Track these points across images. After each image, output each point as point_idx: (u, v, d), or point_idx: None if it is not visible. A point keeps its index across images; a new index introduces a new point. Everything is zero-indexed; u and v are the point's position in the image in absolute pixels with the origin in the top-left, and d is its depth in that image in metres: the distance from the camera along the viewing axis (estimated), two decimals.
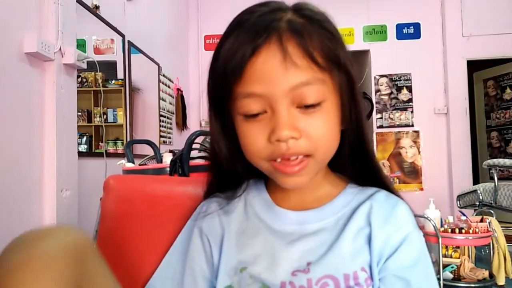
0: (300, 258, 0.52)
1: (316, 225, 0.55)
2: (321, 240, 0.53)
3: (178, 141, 3.94)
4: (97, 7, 2.41)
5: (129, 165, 1.62)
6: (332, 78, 0.51)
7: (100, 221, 0.72)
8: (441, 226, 2.12)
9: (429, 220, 2.04)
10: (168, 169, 1.47)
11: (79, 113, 2.49)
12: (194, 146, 1.44)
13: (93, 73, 2.55)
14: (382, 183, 0.58)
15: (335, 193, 0.58)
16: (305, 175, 0.52)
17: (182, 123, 4.11)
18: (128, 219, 0.72)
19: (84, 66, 1.97)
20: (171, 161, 1.43)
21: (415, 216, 0.56)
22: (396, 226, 0.53)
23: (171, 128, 3.91)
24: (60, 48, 1.77)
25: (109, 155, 2.48)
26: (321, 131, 0.50)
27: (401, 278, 0.51)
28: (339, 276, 0.50)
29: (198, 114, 4.58)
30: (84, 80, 2.59)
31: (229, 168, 0.59)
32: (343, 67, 0.51)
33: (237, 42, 0.49)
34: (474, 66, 4.90)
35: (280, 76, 0.47)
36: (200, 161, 1.42)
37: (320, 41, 0.49)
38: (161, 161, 1.73)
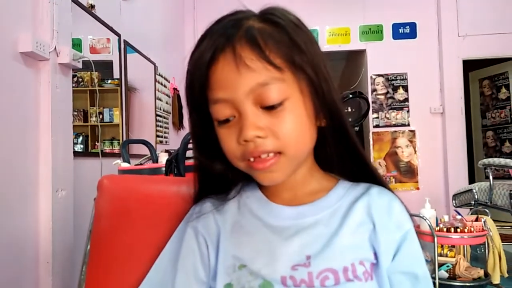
0: (298, 252, 0.53)
1: (311, 218, 0.56)
2: (318, 233, 0.54)
3: (175, 141, 3.93)
4: (92, 6, 2.40)
5: (125, 165, 1.62)
6: (293, 76, 0.52)
7: (94, 221, 0.72)
8: (437, 225, 2.13)
9: (425, 220, 2.04)
10: (163, 169, 1.47)
11: (75, 113, 2.48)
12: (190, 146, 1.44)
13: (89, 72, 2.54)
14: (372, 177, 0.60)
15: (327, 188, 0.59)
16: (278, 171, 0.53)
17: (179, 123, 4.11)
18: (122, 219, 0.72)
19: (80, 65, 1.97)
20: (167, 161, 1.43)
21: (411, 215, 0.58)
22: (397, 224, 0.55)
23: (167, 128, 3.90)
24: (55, 48, 1.76)
25: (105, 155, 2.47)
26: (287, 128, 0.51)
27: (409, 273, 0.53)
28: (338, 268, 0.51)
29: None
30: (80, 79, 2.58)
31: (220, 172, 0.60)
32: (298, 66, 0.52)
33: (201, 51, 0.52)
34: (469, 66, 4.93)
35: (237, 80, 0.50)
36: None
37: (276, 43, 0.51)
38: (156, 161, 1.72)
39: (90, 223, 0.73)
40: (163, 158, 1.61)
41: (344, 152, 0.59)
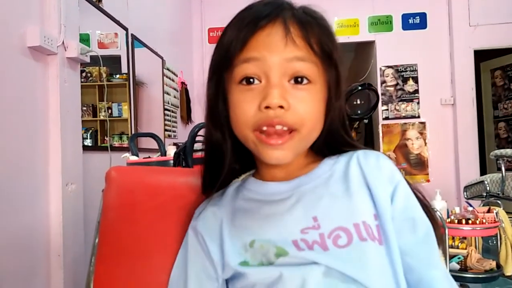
0: (304, 215, 0.54)
1: (310, 185, 0.58)
2: (319, 195, 0.56)
3: (183, 134, 3.94)
4: (99, 1, 2.40)
5: (133, 158, 1.62)
6: (323, 67, 0.56)
7: (102, 213, 0.72)
8: (448, 217, 2.10)
9: (436, 211, 2.02)
10: (172, 161, 1.47)
11: (84, 108, 2.49)
12: (197, 138, 1.44)
13: (97, 67, 2.55)
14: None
15: (317, 162, 0.61)
16: (288, 149, 0.55)
17: (187, 117, 4.11)
18: (130, 210, 0.71)
19: (88, 59, 1.97)
20: (175, 153, 1.43)
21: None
22: (388, 177, 0.56)
23: (175, 122, 3.91)
24: (63, 42, 1.77)
25: (114, 149, 2.48)
26: (308, 108, 0.54)
27: (406, 219, 0.54)
28: (349, 226, 0.52)
29: (203, 107, 4.57)
30: (89, 75, 2.59)
31: (220, 145, 0.62)
32: (334, 63, 0.57)
33: (251, 14, 0.55)
34: (481, 56, 4.85)
35: (280, 47, 0.53)
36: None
37: (318, 33, 0.55)
38: (165, 154, 1.73)
39: (98, 214, 0.73)
40: (171, 151, 1.61)
41: (337, 144, 0.62)
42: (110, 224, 0.71)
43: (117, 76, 2.87)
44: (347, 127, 0.61)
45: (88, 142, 2.52)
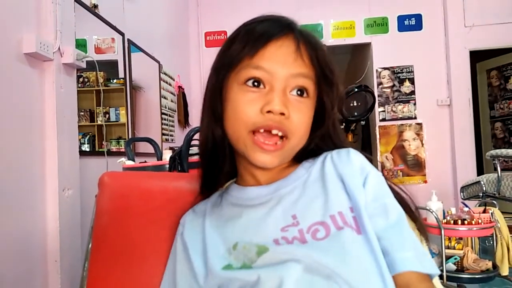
0: (283, 215, 0.57)
1: (288, 188, 0.61)
2: (297, 196, 0.59)
3: (180, 138, 3.94)
4: (95, 6, 2.41)
5: (129, 163, 1.63)
6: (320, 86, 0.61)
7: (95, 218, 0.73)
8: (444, 217, 2.11)
9: (431, 212, 2.03)
10: (167, 166, 1.48)
11: (82, 113, 2.50)
12: (193, 142, 1.45)
13: (94, 72, 2.56)
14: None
15: (295, 165, 0.65)
16: (276, 157, 0.59)
17: (184, 121, 4.12)
18: (123, 215, 0.72)
19: (84, 65, 1.98)
20: (170, 158, 1.44)
21: (417, 208, 0.62)
22: (360, 168, 0.59)
23: (173, 126, 3.92)
24: (59, 48, 1.78)
25: (112, 153, 2.49)
26: (302, 119, 0.59)
27: (379, 205, 0.56)
28: (326, 219, 0.54)
29: (200, 111, 4.58)
30: (86, 80, 2.59)
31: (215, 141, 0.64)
32: (332, 83, 0.61)
33: (259, 30, 0.59)
34: (477, 57, 4.86)
35: (289, 61, 0.58)
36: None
37: (322, 56, 0.60)
38: (161, 158, 1.73)
39: (91, 219, 0.74)
40: (167, 155, 1.62)
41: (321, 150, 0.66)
42: (103, 229, 0.72)
43: (114, 81, 2.87)
44: (339, 137, 0.65)
45: (85, 147, 2.52)
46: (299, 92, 0.59)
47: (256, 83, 0.57)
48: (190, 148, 1.42)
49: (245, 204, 0.61)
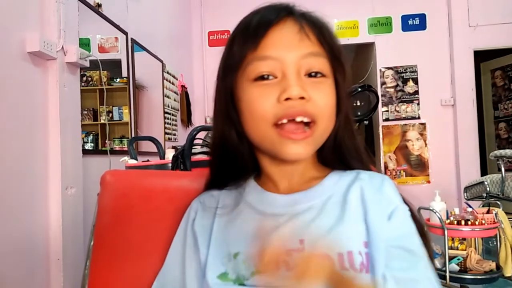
0: (290, 236, 0.53)
1: (305, 205, 0.56)
2: (311, 218, 0.54)
3: (183, 137, 3.93)
4: (99, 5, 2.41)
5: (132, 162, 1.63)
6: (332, 65, 0.57)
7: (97, 216, 0.73)
8: (447, 218, 2.10)
9: (435, 212, 2.02)
10: (170, 165, 1.48)
11: (85, 112, 2.51)
12: (196, 141, 1.45)
13: (97, 72, 2.56)
14: (363, 165, 0.61)
15: (321, 177, 0.60)
16: (309, 145, 0.54)
17: (187, 120, 4.13)
18: (125, 214, 0.72)
19: (87, 64, 1.98)
20: (173, 156, 1.44)
21: (420, 208, 0.58)
22: (387, 200, 0.55)
23: (176, 125, 3.92)
24: (62, 47, 1.78)
25: (115, 152, 2.50)
26: (326, 99, 0.55)
27: (401, 247, 0.51)
28: (333, 254, 0.50)
29: (203, 110, 4.59)
30: (89, 79, 2.60)
31: (234, 146, 0.60)
32: (341, 62, 0.57)
33: (262, 14, 0.56)
34: (481, 57, 4.84)
35: (294, 42, 0.54)
36: (202, 157, 1.42)
37: (328, 33, 0.57)
38: (163, 157, 1.74)
39: (93, 218, 0.74)
40: (170, 154, 1.62)
41: (344, 148, 0.60)
42: (105, 228, 0.72)
43: (118, 80, 2.88)
44: (354, 131, 0.60)
45: (89, 146, 2.53)
46: (313, 74, 0.54)
47: (265, 77, 0.54)
48: (193, 147, 1.42)
49: (258, 208, 0.58)
